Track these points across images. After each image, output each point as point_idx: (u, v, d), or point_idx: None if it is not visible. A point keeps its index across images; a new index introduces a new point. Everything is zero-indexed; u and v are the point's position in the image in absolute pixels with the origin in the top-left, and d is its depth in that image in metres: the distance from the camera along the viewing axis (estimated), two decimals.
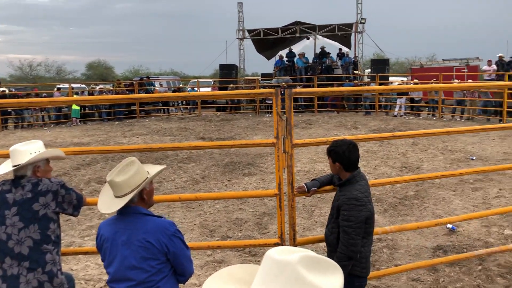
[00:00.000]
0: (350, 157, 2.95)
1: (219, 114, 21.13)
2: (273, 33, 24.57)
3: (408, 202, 7.01)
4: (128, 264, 2.31)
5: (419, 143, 11.83)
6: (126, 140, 14.29)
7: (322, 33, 24.27)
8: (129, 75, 53.14)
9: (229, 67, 23.62)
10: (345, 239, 2.82)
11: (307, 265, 1.13)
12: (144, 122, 19.29)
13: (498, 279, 4.39)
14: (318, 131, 15.02)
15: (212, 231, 6.08)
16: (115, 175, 2.40)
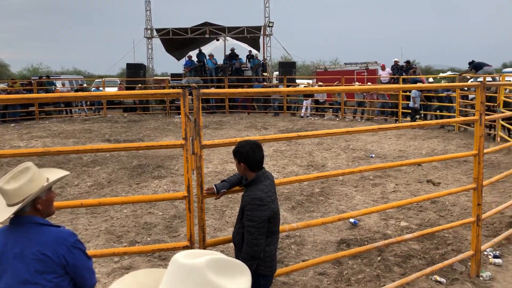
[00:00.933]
0: (254, 157, 2.98)
1: (126, 115, 20.35)
2: (182, 33, 24.25)
3: (314, 199, 7.32)
4: (21, 278, 2.11)
5: (324, 143, 12.40)
6: (23, 144, 13.22)
7: (232, 35, 24.47)
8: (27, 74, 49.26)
9: (136, 66, 22.89)
10: (249, 239, 2.85)
11: (215, 268, 1.12)
12: (44, 123, 17.97)
13: (395, 268, 4.74)
14: (229, 132, 15.12)
15: (119, 237, 5.84)
16: (5, 182, 2.18)
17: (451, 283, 4.40)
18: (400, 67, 20.60)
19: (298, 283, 4.44)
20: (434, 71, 48.49)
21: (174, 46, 26.33)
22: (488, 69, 14.72)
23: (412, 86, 14.71)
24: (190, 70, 22.28)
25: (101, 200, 3.33)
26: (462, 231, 5.65)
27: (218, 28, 24.24)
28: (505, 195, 7.35)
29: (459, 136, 13.36)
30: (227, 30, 24.25)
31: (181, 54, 26.49)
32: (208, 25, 23.99)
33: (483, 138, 4.49)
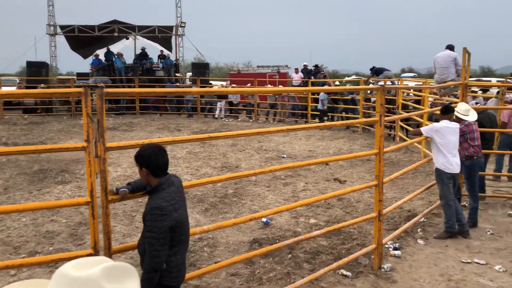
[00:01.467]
0: (157, 162, 2.84)
1: (26, 116, 18.82)
2: (89, 31, 23.06)
3: (228, 200, 7.33)
4: None
5: (238, 144, 12.49)
6: None
7: (142, 34, 23.77)
8: None
9: (38, 64, 21.31)
10: (149, 251, 2.69)
11: (109, 277, 1.06)
12: None
13: (304, 264, 4.88)
14: (140, 134, 14.66)
15: (17, 247, 5.38)
16: None
17: (356, 276, 4.62)
18: (309, 71, 21.44)
19: (210, 286, 4.40)
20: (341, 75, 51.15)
21: (80, 44, 24.94)
22: (388, 73, 15.80)
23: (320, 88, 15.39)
24: (97, 70, 21.23)
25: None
26: (366, 226, 5.99)
27: (127, 26, 23.42)
28: (403, 190, 7.92)
29: (363, 137, 14.19)
30: (137, 29, 23.51)
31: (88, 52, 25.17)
32: (117, 23, 23.08)
33: (383, 138, 4.79)
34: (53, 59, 25.52)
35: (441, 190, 5.83)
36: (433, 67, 9.33)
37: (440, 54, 9.10)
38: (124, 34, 23.87)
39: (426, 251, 5.34)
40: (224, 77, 29.55)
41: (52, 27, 24.26)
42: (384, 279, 4.58)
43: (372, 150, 4.89)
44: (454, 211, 5.72)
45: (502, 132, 7.95)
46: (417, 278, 4.61)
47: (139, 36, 24.11)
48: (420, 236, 5.80)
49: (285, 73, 24.48)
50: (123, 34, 23.76)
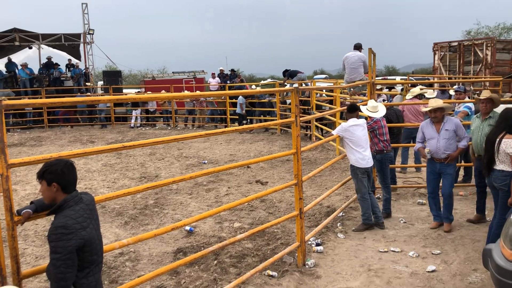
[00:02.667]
0: (69, 177, 2.68)
1: None
2: None
3: (149, 211, 7.11)
4: None
5: (156, 153, 12.20)
6: None
7: (47, 42, 22.39)
8: None
9: None
10: (54, 274, 2.49)
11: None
12: None
13: (231, 269, 4.86)
14: (50, 148, 13.78)
15: None
16: None
17: (282, 275, 4.69)
18: (225, 75, 21.55)
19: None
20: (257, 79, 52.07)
21: None
22: (301, 75, 16.32)
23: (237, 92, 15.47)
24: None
25: None
26: (289, 225, 6.11)
27: (30, 35, 21.92)
28: (322, 187, 8.20)
29: (281, 138, 14.53)
30: (41, 37, 22.10)
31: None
32: (17, 32, 21.51)
33: (300, 137, 4.91)
34: None
35: (356, 185, 6.11)
36: (342, 66, 9.77)
37: (349, 54, 9.56)
38: (26, 43, 22.32)
39: (346, 244, 5.56)
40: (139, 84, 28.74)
41: None
42: (309, 275, 4.69)
43: (291, 150, 4.99)
44: (370, 203, 6.02)
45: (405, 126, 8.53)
46: (339, 271, 4.78)
47: (43, 45, 22.68)
48: (340, 230, 6.03)
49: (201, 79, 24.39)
50: (26, 43, 22.20)
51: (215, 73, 21.37)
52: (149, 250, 5.49)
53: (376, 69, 8.19)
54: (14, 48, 22.62)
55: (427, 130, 6.01)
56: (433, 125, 5.97)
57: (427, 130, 6.01)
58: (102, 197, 3.35)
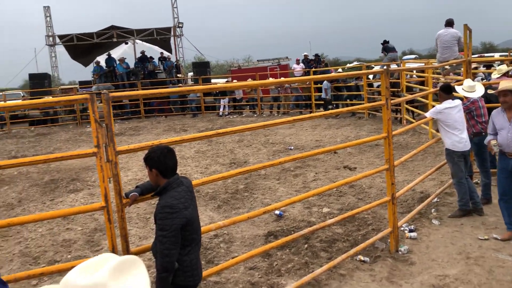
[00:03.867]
0: (166, 163, 2.86)
1: (33, 128, 18.98)
2: (87, 38, 23.14)
3: (240, 195, 7.35)
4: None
5: (244, 140, 12.51)
6: None
7: (141, 37, 23.81)
8: None
9: (40, 76, 21.41)
10: (160, 250, 2.69)
11: (115, 275, 1.05)
12: None
13: (321, 253, 4.89)
14: (147, 137, 14.72)
15: (36, 258, 5.44)
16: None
17: (374, 260, 4.63)
18: (309, 61, 21.37)
19: (230, 281, 4.42)
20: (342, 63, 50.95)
21: (80, 52, 25.06)
22: (392, 55, 15.66)
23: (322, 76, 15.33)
24: (99, 77, 21.32)
25: (10, 221, 3.05)
26: (380, 211, 5.98)
27: (125, 31, 23.47)
28: (414, 173, 7.89)
29: (369, 122, 14.15)
30: (135, 33, 23.55)
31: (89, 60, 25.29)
32: (115, 29, 23.13)
33: (391, 121, 4.77)
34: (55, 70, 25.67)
35: (452, 169, 5.80)
36: (436, 45, 9.24)
37: (442, 32, 9.01)
38: (122, 39, 23.92)
39: (441, 230, 5.32)
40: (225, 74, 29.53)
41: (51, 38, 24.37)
42: (402, 261, 4.58)
43: (380, 134, 4.87)
44: (467, 189, 5.69)
45: None
46: (435, 258, 4.60)
47: (138, 40, 24.14)
48: (434, 216, 5.78)
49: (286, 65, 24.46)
50: (122, 39, 23.81)
51: (299, 59, 21.27)
52: (242, 233, 5.70)
53: (472, 46, 7.64)
54: (112, 44, 24.36)
55: (497, 119, 5.09)
56: (504, 113, 5.02)
57: (497, 119, 5.08)
58: (198, 181, 3.55)
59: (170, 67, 22.16)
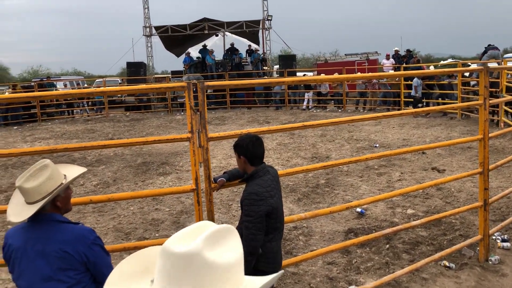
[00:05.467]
0: (254, 151, 2.94)
1: (128, 114, 20.38)
2: (181, 30, 24.23)
3: (320, 190, 7.33)
4: (44, 275, 2.12)
5: (327, 134, 12.40)
6: (27, 145, 13.27)
7: (230, 29, 24.43)
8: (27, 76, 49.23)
9: (137, 65, 22.87)
10: (246, 234, 2.78)
11: (211, 244, 1.09)
12: (47, 125, 18.03)
13: (403, 255, 4.75)
14: (231, 127, 15.14)
15: (128, 234, 5.87)
16: (25, 181, 2.17)
17: (460, 268, 4.40)
18: (400, 56, 20.55)
19: (307, 273, 4.46)
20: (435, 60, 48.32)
21: (173, 43, 26.31)
22: (493, 53, 14.58)
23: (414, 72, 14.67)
24: (189, 67, 22.26)
25: (110, 196, 3.34)
26: (469, 217, 5.66)
27: (217, 23, 24.20)
28: (510, 179, 7.34)
29: (462, 123, 13.33)
30: (226, 25, 24.21)
31: (181, 51, 26.47)
32: (207, 21, 23.95)
33: (488, 122, 4.48)
34: (150, 59, 27.16)
35: None
36: None
37: None
38: (213, 31, 24.70)
39: None
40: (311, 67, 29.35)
41: (148, 29, 25.80)
42: (492, 272, 4.31)
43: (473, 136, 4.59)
44: None
45: None
46: None
47: (227, 32, 24.80)
48: None
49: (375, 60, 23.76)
50: (213, 31, 24.59)
51: (389, 54, 20.54)
52: (321, 227, 5.70)
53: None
54: (204, 36, 25.26)
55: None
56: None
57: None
58: (282, 172, 3.61)
59: (257, 59, 22.51)
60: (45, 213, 2.20)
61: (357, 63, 23.07)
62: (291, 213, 6.16)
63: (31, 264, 2.14)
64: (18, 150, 3.03)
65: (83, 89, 23.02)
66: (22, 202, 2.22)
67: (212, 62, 22.12)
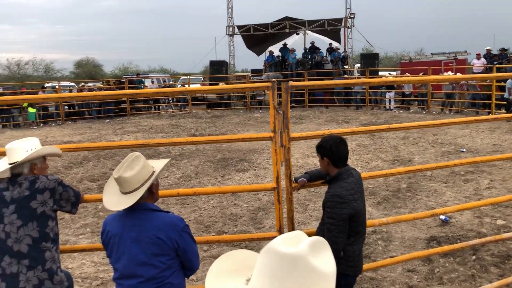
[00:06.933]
0: (338, 153, 2.91)
1: (209, 110, 21.06)
2: (262, 29, 24.55)
3: (401, 194, 7.08)
4: (138, 260, 2.29)
5: (410, 137, 11.93)
6: (117, 138, 14.21)
7: (312, 28, 24.30)
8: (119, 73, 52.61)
9: (219, 63, 23.55)
10: (328, 236, 2.76)
11: (313, 252, 1.13)
12: (135, 119, 19.20)
13: (492, 268, 4.46)
14: (309, 126, 15.07)
15: (208, 226, 6.09)
16: (123, 171, 2.37)
17: None
18: (492, 56, 19.17)
19: (386, 279, 4.34)
20: None
21: (254, 42, 26.74)
22: None
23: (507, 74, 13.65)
24: (270, 66, 22.48)
25: (196, 190, 3.49)
26: None
27: (298, 22, 24.21)
28: None
29: None
30: (307, 24, 24.13)
31: (261, 49, 26.84)
32: (288, 20, 24.05)
33: None
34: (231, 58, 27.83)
35: None
36: None
37: None
38: (294, 30, 24.74)
39: None
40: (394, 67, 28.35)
41: (231, 28, 26.44)
42: None
43: None
44: None
45: None
46: None
47: (308, 30, 24.71)
48: None
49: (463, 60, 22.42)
50: (294, 29, 24.63)
51: (480, 53, 19.25)
52: (401, 233, 5.51)
53: None
54: (284, 35, 25.39)
55: None
56: None
57: None
58: (365, 175, 3.54)
59: (337, 58, 22.19)
60: (139, 201, 2.37)
61: (443, 62, 21.88)
62: (370, 217, 6.02)
63: (127, 249, 2.32)
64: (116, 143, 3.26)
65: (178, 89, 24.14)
66: (117, 192, 2.42)
67: (293, 60, 22.15)
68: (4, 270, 2.63)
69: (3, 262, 2.64)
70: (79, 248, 3.77)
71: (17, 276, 2.62)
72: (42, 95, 18.38)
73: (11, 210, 2.67)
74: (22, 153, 2.81)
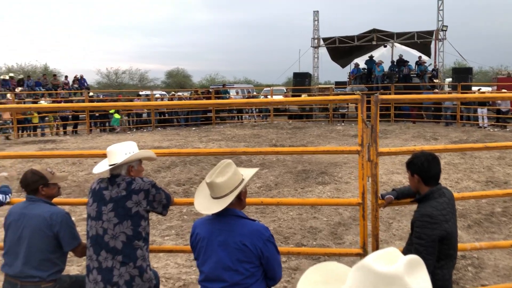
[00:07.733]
0: (430, 170, 2.78)
1: (291, 121, 21.13)
2: (348, 41, 24.25)
3: (495, 219, 6.57)
4: (224, 265, 2.36)
5: (506, 157, 11.06)
6: (202, 145, 14.74)
7: (400, 40, 23.55)
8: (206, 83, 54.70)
9: (302, 75, 23.62)
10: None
11: (410, 272, 1.09)
12: (219, 128, 19.82)
13: None
14: (394, 141, 14.54)
15: (287, 238, 6.08)
16: (215, 177, 2.46)
17: None
18: None
19: None
20: None
21: (339, 54, 26.48)
22: None
23: None
24: (355, 78, 22.11)
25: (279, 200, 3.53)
26: None
27: (386, 34, 23.61)
28: None
29: None
30: (395, 36, 23.44)
31: (346, 62, 26.50)
32: (376, 32, 23.54)
33: None
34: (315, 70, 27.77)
35: None
36: None
37: None
38: (382, 42, 24.15)
39: None
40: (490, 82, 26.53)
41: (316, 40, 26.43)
42: None
43: None
44: None
45: None
46: None
47: (396, 43, 23.99)
48: None
49: None
50: (381, 42, 24.05)
51: None
52: (495, 261, 5.10)
53: None
54: (371, 47, 24.87)
55: None
56: None
57: None
58: (457, 195, 3.34)
59: (423, 71, 21.24)
60: (228, 207, 2.44)
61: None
62: (460, 240, 5.61)
63: (214, 253, 2.39)
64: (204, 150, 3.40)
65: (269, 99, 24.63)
66: (207, 197, 2.52)
67: (379, 73, 21.60)
68: (100, 264, 2.83)
69: (100, 256, 2.84)
70: (165, 249, 3.95)
71: (112, 271, 2.81)
72: (138, 102, 19.72)
73: (109, 208, 2.87)
74: (121, 156, 3.02)
